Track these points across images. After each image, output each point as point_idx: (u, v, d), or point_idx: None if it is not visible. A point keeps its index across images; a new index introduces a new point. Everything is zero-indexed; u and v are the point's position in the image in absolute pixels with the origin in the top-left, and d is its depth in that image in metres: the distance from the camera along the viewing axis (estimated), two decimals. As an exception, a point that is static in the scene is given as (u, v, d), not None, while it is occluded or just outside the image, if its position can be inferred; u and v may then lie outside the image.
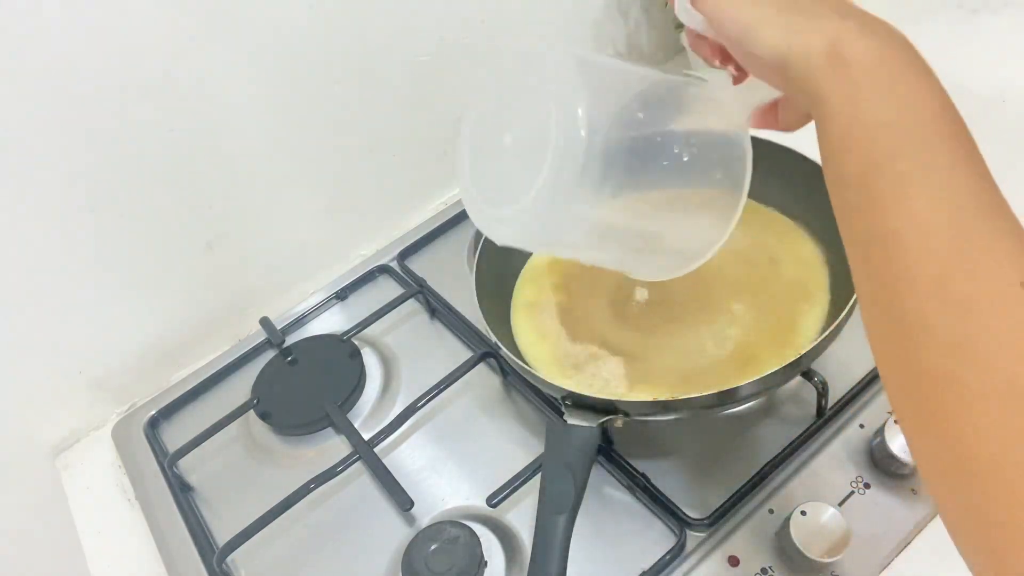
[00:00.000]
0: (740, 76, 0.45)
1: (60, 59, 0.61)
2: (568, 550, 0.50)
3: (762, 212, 0.68)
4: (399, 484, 0.64)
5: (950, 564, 0.51)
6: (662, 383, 0.60)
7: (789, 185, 0.64)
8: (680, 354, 0.62)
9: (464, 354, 0.73)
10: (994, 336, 0.28)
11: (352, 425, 0.70)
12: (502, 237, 0.45)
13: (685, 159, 0.45)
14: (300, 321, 0.83)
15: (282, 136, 0.77)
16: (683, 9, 0.42)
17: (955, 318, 0.29)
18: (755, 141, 0.47)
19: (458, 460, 0.67)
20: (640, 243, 0.51)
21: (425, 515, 0.63)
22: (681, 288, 0.66)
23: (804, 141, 0.62)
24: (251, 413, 0.73)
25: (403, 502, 0.62)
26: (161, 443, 0.75)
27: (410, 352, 0.77)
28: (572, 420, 0.55)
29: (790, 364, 0.51)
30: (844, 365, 0.62)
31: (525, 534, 0.60)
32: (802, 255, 0.65)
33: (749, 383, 0.51)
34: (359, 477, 0.67)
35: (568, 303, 0.68)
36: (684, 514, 0.57)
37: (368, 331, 0.79)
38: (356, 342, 0.77)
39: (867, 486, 0.56)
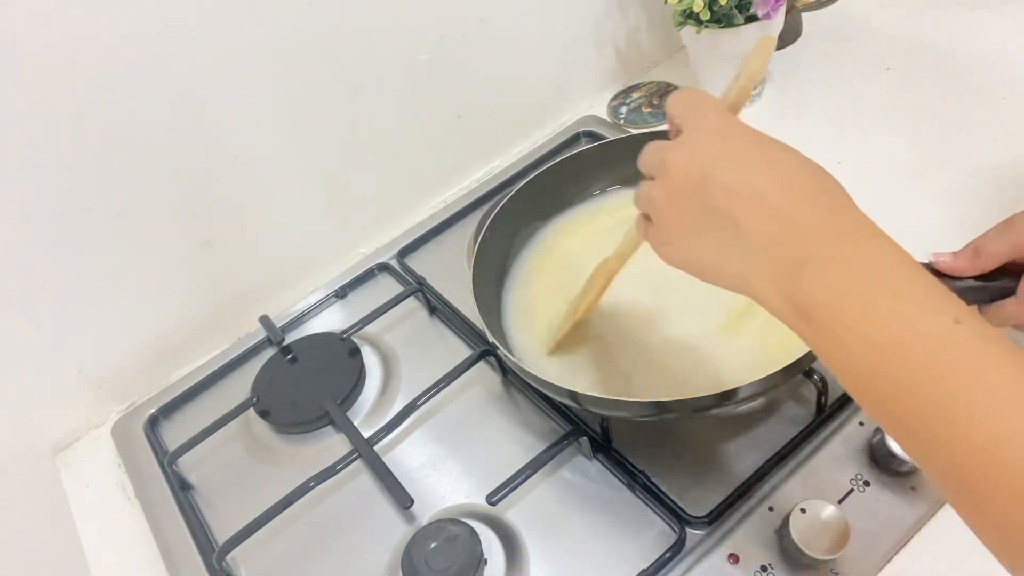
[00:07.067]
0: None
1: (58, 58, 0.61)
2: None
3: None
4: (399, 482, 0.64)
5: (949, 561, 0.51)
6: (656, 382, 0.60)
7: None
8: (673, 351, 0.62)
9: (464, 352, 0.73)
10: None
11: (352, 423, 0.70)
12: None
13: None
14: (300, 319, 0.83)
15: (281, 134, 0.77)
16: None
17: None
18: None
19: (458, 458, 0.67)
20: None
21: (425, 513, 0.63)
22: (677, 285, 0.67)
23: (802, 142, 0.62)
24: (251, 411, 0.73)
25: (403, 500, 0.62)
26: (161, 441, 0.75)
27: (410, 350, 0.77)
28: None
29: (791, 364, 0.51)
30: (844, 363, 0.62)
31: (525, 532, 0.60)
32: None
33: (749, 384, 0.51)
34: (359, 475, 0.67)
35: (564, 301, 0.68)
36: (684, 512, 0.57)
37: (368, 329, 0.79)
38: (356, 340, 0.77)
39: (867, 484, 0.56)
